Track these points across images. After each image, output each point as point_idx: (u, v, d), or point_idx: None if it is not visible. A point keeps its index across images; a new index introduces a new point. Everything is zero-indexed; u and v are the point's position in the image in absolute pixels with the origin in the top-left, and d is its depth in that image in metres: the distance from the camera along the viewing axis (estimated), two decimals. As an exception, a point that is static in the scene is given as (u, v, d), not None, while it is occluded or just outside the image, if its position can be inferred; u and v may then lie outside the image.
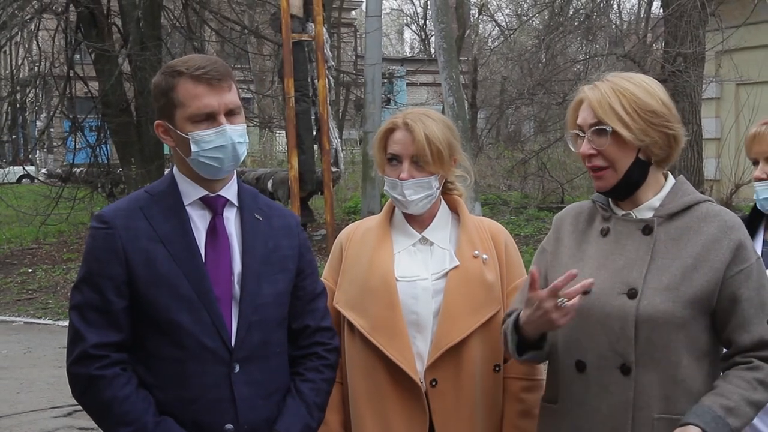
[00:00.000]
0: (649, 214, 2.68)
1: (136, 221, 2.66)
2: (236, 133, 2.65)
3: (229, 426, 2.63)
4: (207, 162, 2.64)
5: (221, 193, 2.74)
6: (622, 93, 2.60)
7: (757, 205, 3.34)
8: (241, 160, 2.72)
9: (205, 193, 2.72)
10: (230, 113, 2.65)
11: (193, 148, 2.62)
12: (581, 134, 2.67)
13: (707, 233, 2.60)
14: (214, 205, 2.73)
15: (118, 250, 2.62)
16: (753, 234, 3.29)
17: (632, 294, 2.56)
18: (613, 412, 2.58)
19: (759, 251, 3.22)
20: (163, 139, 2.72)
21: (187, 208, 2.71)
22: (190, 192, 2.72)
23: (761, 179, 3.30)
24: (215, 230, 2.72)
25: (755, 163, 3.34)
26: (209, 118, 2.61)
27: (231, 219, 2.76)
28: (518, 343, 2.67)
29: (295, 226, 2.91)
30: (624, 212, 2.72)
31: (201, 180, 2.71)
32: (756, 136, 3.30)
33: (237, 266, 2.71)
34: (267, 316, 2.72)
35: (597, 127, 2.62)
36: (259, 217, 2.80)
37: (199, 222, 2.71)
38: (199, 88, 2.60)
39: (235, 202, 2.78)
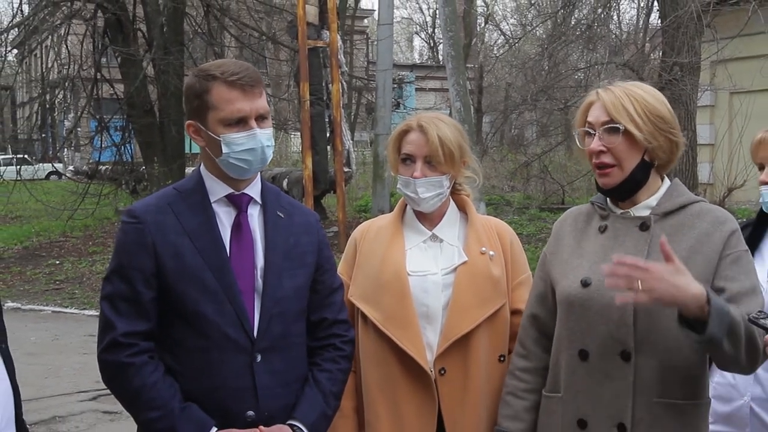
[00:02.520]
0: (645, 212, 2.70)
1: (165, 216, 2.66)
2: (265, 137, 2.66)
3: (250, 413, 2.63)
4: (236, 163, 2.65)
5: (246, 191, 2.75)
6: (634, 97, 2.63)
7: (764, 208, 3.22)
8: (268, 162, 2.73)
9: (231, 191, 2.72)
10: (260, 118, 2.65)
11: (224, 149, 2.63)
12: (591, 132, 2.68)
13: (700, 227, 2.62)
14: (238, 202, 2.73)
15: (148, 243, 2.62)
16: (760, 237, 3.22)
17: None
18: (615, 397, 2.60)
19: (767, 254, 3.18)
20: (194, 139, 2.72)
21: (213, 204, 2.71)
22: (217, 190, 2.72)
23: (766, 183, 3.18)
24: (240, 226, 2.72)
25: (761, 168, 3.23)
26: (241, 122, 2.62)
27: (255, 216, 2.77)
28: None
29: (314, 223, 2.91)
30: (622, 211, 2.74)
31: (227, 178, 2.71)
32: (762, 142, 3.20)
33: (260, 261, 2.71)
34: (287, 308, 2.72)
35: (609, 125, 2.64)
36: (281, 214, 2.80)
37: (225, 218, 2.71)
38: (232, 93, 2.60)
39: (259, 200, 2.78)
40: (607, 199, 2.78)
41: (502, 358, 3.05)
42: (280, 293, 2.70)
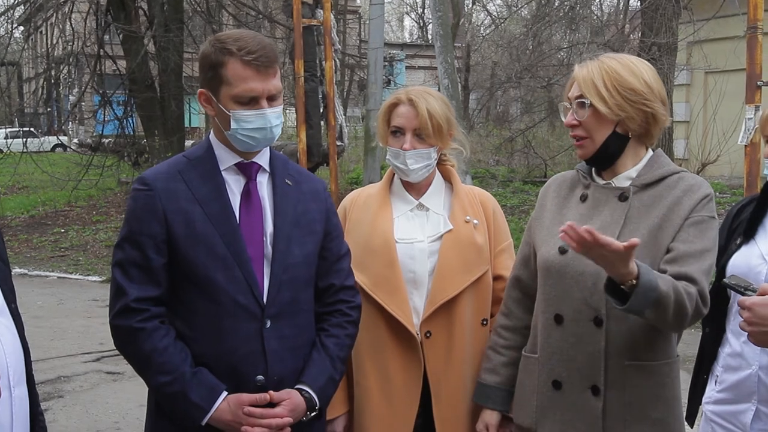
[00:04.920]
0: (626, 183, 2.69)
1: (175, 184, 2.59)
2: (274, 116, 2.59)
3: (260, 377, 2.58)
4: (244, 139, 2.59)
5: (255, 159, 2.68)
6: (606, 71, 2.61)
7: None
8: (276, 139, 2.66)
9: (240, 159, 2.66)
10: (271, 98, 2.59)
11: (233, 125, 2.57)
12: (569, 106, 2.69)
13: (673, 196, 2.61)
14: (248, 170, 2.67)
15: (158, 210, 2.56)
16: (765, 211, 3.06)
17: None
18: (588, 360, 2.61)
19: None
20: (204, 107, 2.65)
21: (222, 172, 2.65)
22: (226, 158, 2.66)
23: None
24: (249, 194, 2.65)
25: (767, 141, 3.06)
26: (252, 101, 2.55)
27: (263, 184, 2.70)
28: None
29: (322, 191, 2.85)
30: (604, 182, 2.73)
31: (236, 148, 2.65)
32: None
33: (269, 228, 2.64)
34: (296, 275, 2.66)
35: (579, 100, 2.64)
36: (289, 182, 2.73)
37: (234, 186, 2.65)
38: (247, 72, 2.52)
39: (267, 168, 2.71)
40: (592, 169, 2.78)
41: (484, 322, 3.07)
42: (289, 260, 2.65)
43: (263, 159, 2.72)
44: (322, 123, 14.81)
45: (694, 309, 2.45)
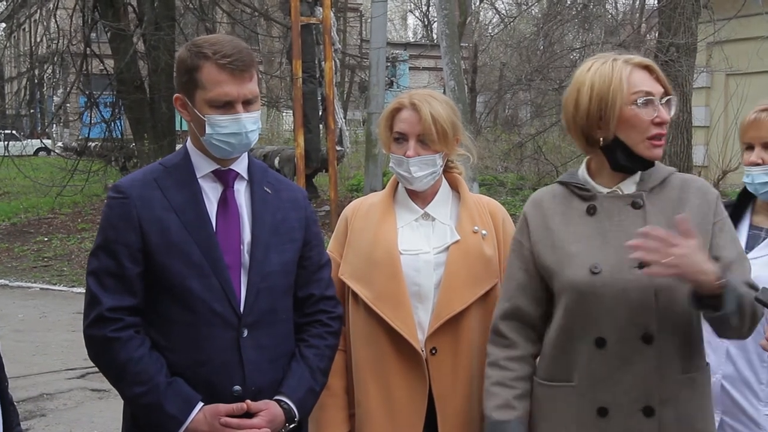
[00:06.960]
0: (632, 189, 2.67)
1: (150, 191, 2.67)
2: (250, 121, 2.66)
3: (237, 388, 2.65)
4: (219, 145, 2.66)
5: (232, 167, 2.76)
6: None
7: (749, 189, 3.16)
8: (252, 145, 2.74)
9: (217, 166, 2.74)
10: (247, 102, 2.66)
11: (208, 130, 2.64)
12: (651, 100, 2.60)
13: (692, 202, 2.62)
14: (225, 178, 2.75)
15: (133, 218, 2.63)
16: (740, 217, 3.21)
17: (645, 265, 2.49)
18: (639, 380, 2.56)
19: (745, 235, 3.18)
20: (180, 112, 2.73)
21: (199, 180, 2.72)
22: (203, 165, 2.74)
23: (756, 164, 3.10)
24: (226, 201, 2.73)
25: (749, 147, 3.14)
26: (227, 105, 2.62)
27: (241, 191, 2.78)
28: None
29: (302, 199, 2.93)
30: (609, 190, 2.69)
31: (213, 155, 2.72)
32: (755, 122, 3.12)
33: (246, 236, 2.72)
34: (274, 283, 2.74)
35: (668, 97, 2.62)
36: (268, 190, 2.81)
37: (211, 193, 2.73)
38: (222, 76, 2.60)
39: (246, 175, 2.79)
40: (588, 178, 2.72)
41: (493, 338, 3.06)
42: (267, 268, 2.72)
43: (241, 166, 2.79)
44: (321, 127, 14.89)
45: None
